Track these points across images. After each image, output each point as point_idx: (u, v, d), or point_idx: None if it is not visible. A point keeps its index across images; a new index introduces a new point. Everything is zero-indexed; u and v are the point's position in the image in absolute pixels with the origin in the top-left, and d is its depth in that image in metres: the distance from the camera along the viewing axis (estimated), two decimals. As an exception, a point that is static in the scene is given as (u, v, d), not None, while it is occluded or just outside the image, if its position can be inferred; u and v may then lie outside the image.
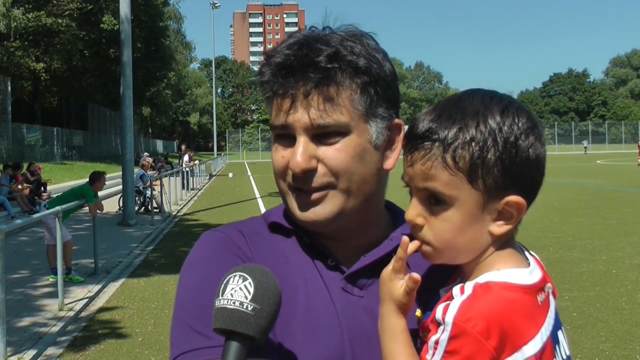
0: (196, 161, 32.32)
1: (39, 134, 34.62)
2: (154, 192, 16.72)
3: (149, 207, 16.69)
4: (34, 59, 34.02)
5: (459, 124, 0.88)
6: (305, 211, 0.99)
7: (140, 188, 17.22)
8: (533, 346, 0.85)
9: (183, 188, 22.99)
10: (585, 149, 74.00)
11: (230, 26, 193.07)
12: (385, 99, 1.01)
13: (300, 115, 0.96)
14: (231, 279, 0.81)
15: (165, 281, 8.72)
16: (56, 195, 11.26)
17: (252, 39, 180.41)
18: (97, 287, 8.38)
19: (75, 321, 6.93)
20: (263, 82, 1.01)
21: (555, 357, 0.89)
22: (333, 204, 0.98)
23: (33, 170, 18.76)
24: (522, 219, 0.92)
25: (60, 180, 23.04)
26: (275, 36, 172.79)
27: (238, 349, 0.79)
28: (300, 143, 0.97)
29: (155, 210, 16.45)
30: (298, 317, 0.97)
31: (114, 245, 11.73)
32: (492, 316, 0.82)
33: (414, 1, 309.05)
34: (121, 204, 15.78)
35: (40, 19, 32.16)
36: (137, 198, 17.15)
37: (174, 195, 19.67)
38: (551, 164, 42.49)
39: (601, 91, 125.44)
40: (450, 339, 0.83)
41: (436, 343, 0.85)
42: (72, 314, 7.11)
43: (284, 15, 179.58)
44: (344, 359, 0.96)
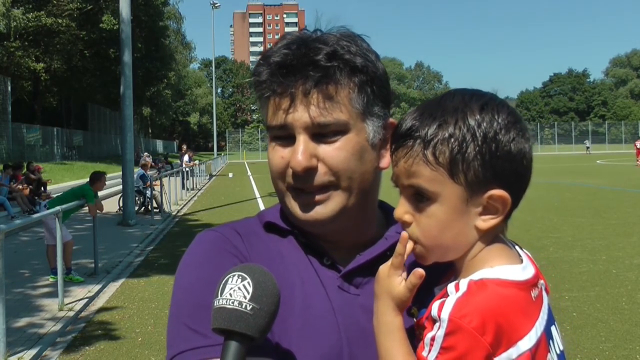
0: (196, 161, 32.34)
1: (39, 134, 34.60)
2: (154, 192, 16.73)
3: (149, 207, 16.70)
4: (34, 59, 33.98)
5: (439, 121, 0.89)
6: (307, 211, 0.99)
7: (141, 188, 17.22)
8: (528, 341, 0.86)
9: (183, 188, 22.99)
10: (588, 148, 73.55)
11: (230, 26, 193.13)
12: (381, 98, 1.02)
13: (301, 114, 0.96)
14: (230, 279, 0.81)
15: (165, 281, 8.72)
16: (56, 195, 11.25)
17: (252, 39, 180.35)
18: (97, 287, 8.38)
19: (75, 321, 6.93)
20: (260, 82, 1.00)
21: (549, 352, 0.90)
22: (335, 203, 0.99)
23: (33, 169, 18.76)
24: (513, 215, 0.93)
25: (60, 180, 23.02)
26: (275, 36, 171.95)
27: (237, 349, 0.79)
28: (301, 142, 0.96)
29: (155, 210, 16.46)
30: (295, 316, 0.97)
31: (114, 245, 11.73)
32: (487, 312, 0.83)
33: (414, 1, 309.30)
34: (121, 204, 15.78)
35: (40, 19, 32.12)
36: (137, 198, 17.15)
37: (174, 195, 19.67)
38: (551, 164, 42.62)
39: (601, 91, 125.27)
40: (446, 335, 0.84)
41: (432, 340, 0.85)
42: (72, 314, 7.11)
43: (284, 15, 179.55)
44: (342, 357, 0.96)
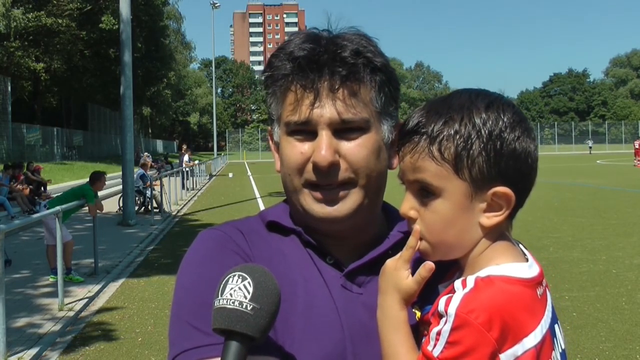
0: (196, 161, 32.34)
1: (39, 134, 34.62)
2: (154, 192, 16.73)
3: (149, 207, 16.69)
4: (34, 59, 33.98)
5: (445, 118, 0.91)
6: (325, 208, 0.99)
7: (141, 188, 17.22)
8: (533, 338, 0.86)
9: (183, 188, 22.98)
10: (590, 148, 73.41)
11: (230, 26, 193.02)
12: (394, 99, 1.04)
13: (326, 110, 0.96)
14: (230, 279, 0.81)
15: (165, 281, 8.72)
16: (56, 195, 11.25)
17: (252, 39, 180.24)
18: (97, 287, 8.38)
19: (75, 321, 6.93)
20: (284, 76, 0.99)
21: (554, 350, 0.91)
22: (352, 201, 0.99)
23: (33, 170, 18.75)
24: (517, 214, 0.93)
25: (60, 180, 23.01)
26: (275, 36, 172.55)
27: (238, 349, 0.79)
28: (325, 137, 0.96)
29: (155, 210, 16.46)
30: (298, 315, 0.97)
31: (114, 245, 11.73)
32: (494, 308, 0.84)
33: (414, 1, 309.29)
34: (121, 204, 15.78)
35: (40, 19, 32.12)
36: (137, 198, 17.15)
37: (174, 195, 19.67)
38: (551, 164, 42.58)
39: (601, 91, 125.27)
40: (453, 330, 0.84)
41: (438, 334, 0.86)
42: (72, 314, 7.11)
43: (284, 15, 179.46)
44: (345, 356, 0.97)
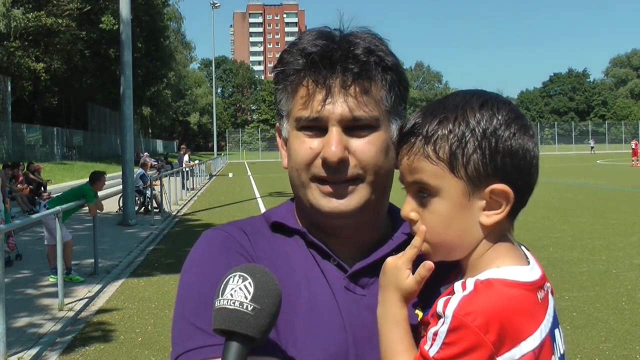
0: (196, 161, 32.34)
1: (39, 134, 34.64)
2: (154, 192, 16.73)
3: (149, 207, 16.69)
4: (34, 59, 33.99)
5: (439, 118, 0.91)
6: (332, 203, 0.99)
7: (141, 188, 17.23)
8: (532, 342, 0.86)
9: (183, 188, 22.98)
10: (592, 148, 72.88)
11: (230, 26, 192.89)
12: (403, 99, 1.04)
13: (338, 106, 0.97)
14: (231, 279, 0.81)
15: (166, 281, 8.72)
16: (56, 195, 11.25)
17: (252, 39, 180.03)
18: (97, 287, 8.38)
19: (75, 321, 6.93)
20: (296, 71, 0.99)
21: (553, 355, 0.91)
22: (359, 196, 1.00)
23: (33, 169, 18.74)
24: (519, 214, 0.93)
25: (60, 180, 23.01)
26: (275, 36, 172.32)
27: (238, 350, 0.78)
28: (336, 133, 0.97)
29: (155, 210, 16.46)
30: (301, 316, 0.97)
31: (114, 245, 11.73)
32: (492, 312, 0.84)
33: (414, 1, 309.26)
34: (121, 204, 15.78)
35: (40, 19, 32.15)
36: (137, 198, 17.15)
37: (174, 195, 19.67)
38: (551, 164, 42.57)
39: (601, 91, 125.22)
40: (449, 331, 0.84)
41: (435, 334, 0.86)
42: (72, 314, 7.11)
43: (284, 15, 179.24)
44: (348, 357, 0.97)
